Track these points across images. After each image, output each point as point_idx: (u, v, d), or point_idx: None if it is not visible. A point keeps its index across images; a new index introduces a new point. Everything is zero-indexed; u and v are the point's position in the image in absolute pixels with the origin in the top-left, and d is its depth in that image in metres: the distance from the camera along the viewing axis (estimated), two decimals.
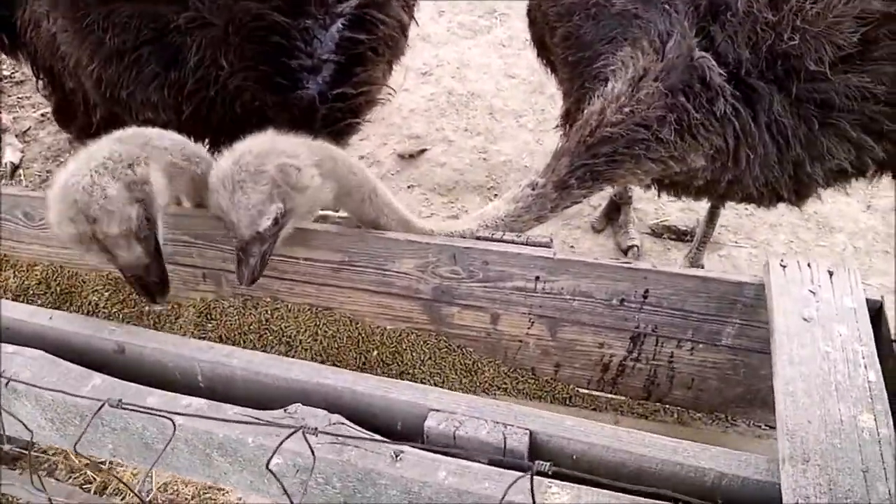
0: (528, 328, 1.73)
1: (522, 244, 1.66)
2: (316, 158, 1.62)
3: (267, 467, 0.99)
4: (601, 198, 3.90)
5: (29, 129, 4.60)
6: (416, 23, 2.67)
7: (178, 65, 2.06)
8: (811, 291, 1.41)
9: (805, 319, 1.35)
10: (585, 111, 1.92)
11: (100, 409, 1.12)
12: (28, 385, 1.26)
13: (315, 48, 2.08)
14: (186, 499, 2.74)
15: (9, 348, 1.43)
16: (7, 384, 1.32)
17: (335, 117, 2.16)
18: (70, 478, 2.88)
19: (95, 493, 2.81)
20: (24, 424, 1.27)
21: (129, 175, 1.52)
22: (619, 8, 2.04)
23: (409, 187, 4.09)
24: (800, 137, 1.89)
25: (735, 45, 1.85)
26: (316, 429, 1.02)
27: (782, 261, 1.46)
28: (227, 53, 2.03)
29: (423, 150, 4.31)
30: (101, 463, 2.83)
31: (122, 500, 2.77)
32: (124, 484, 1.35)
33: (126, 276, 1.57)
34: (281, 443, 1.01)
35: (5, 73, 5.00)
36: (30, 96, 4.86)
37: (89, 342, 1.47)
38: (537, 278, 1.65)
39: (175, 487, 2.82)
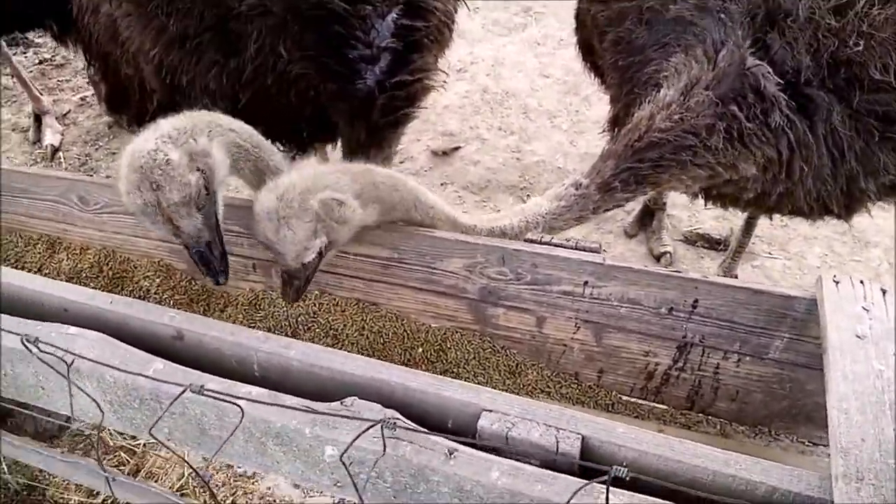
0: (574, 333, 1.75)
1: (572, 248, 1.68)
2: (357, 187, 1.66)
3: (341, 460, 1.02)
4: (635, 202, 3.90)
5: (69, 112, 4.67)
6: None
7: (237, 52, 2.08)
8: (864, 309, 1.41)
9: (858, 336, 1.36)
10: (635, 116, 1.93)
11: (181, 394, 1.16)
12: (95, 363, 1.29)
13: (373, 37, 2.09)
14: (217, 486, 2.78)
15: (71, 329, 1.47)
16: (73, 363, 1.35)
17: (394, 106, 2.19)
18: (105, 459, 2.94)
19: (129, 474, 2.86)
20: (97, 404, 1.31)
21: (192, 145, 1.57)
22: (673, 14, 2.03)
23: (441, 185, 4.11)
24: (855, 151, 1.87)
25: (794, 52, 1.82)
26: (395, 422, 1.04)
27: (835, 276, 1.46)
28: (285, 41, 2.04)
29: (456, 148, 4.33)
30: (135, 446, 2.89)
31: (155, 481, 2.82)
32: (191, 467, 1.37)
33: (190, 254, 1.60)
34: (359, 435, 1.03)
35: (46, 56, 5.08)
36: (69, 80, 4.94)
37: (148, 327, 1.50)
38: (586, 283, 1.66)
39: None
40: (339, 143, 2.55)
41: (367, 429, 1.04)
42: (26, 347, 1.24)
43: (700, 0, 1.99)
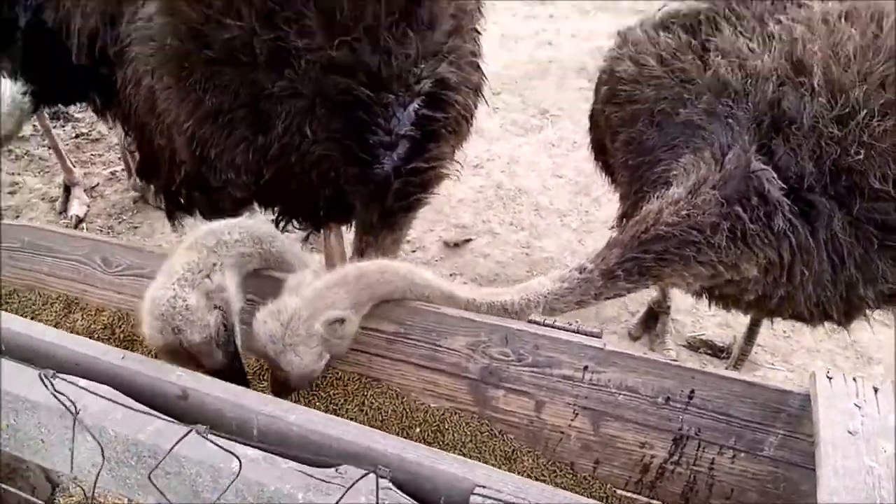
0: (572, 420, 1.76)
1: (573, 332, 1.71)
2: (353, 296, 1.74)
3: None
4: (640, 304, 3.95)
5: (97, 185, 4.85)
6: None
7: (266, 130, 2.19)
8: (857, 405, 1.43)
9: (850, 432, 1.37)
10: (643, 209, 2.00)
11: (186, 434, 1.18)
12: (100, 414, 1.32)
13: (394, 125, 2.20)
14: None
15: (80, 381, 1.50)
16: (79, 412, 1.38)
17: (407, 192, 2.27)
18: None
19: None
20: (100, 448, 1.33)
21: (207, 284, 1.68)
22: (683, 118, 2.13)
23: (451, 275, 4.19)
24: (855, 258, 1.92)
25: (798, 158, 1.90)
26: (389, 468, 1.06)
27: (828, 373, 1.49)
28: (311, 123, 2.15)
29: (468, 240, 4.43)
30: None
31: None
32: None
33: (210, 373, 1.68)
34: (352, 485, 1.05)
35: (83, 130, 5.33)
36: (102, 154, 5.16)
37: (155, 385, 1.54)
38: (585, 368, 1.69)
39: None
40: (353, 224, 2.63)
41: (360, 479, 1.06)
42: (42, 382, 1.28)
43: (709, 105, 2.10)
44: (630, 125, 2.36)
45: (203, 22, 2.15)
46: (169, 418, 1.43)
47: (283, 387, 1.73)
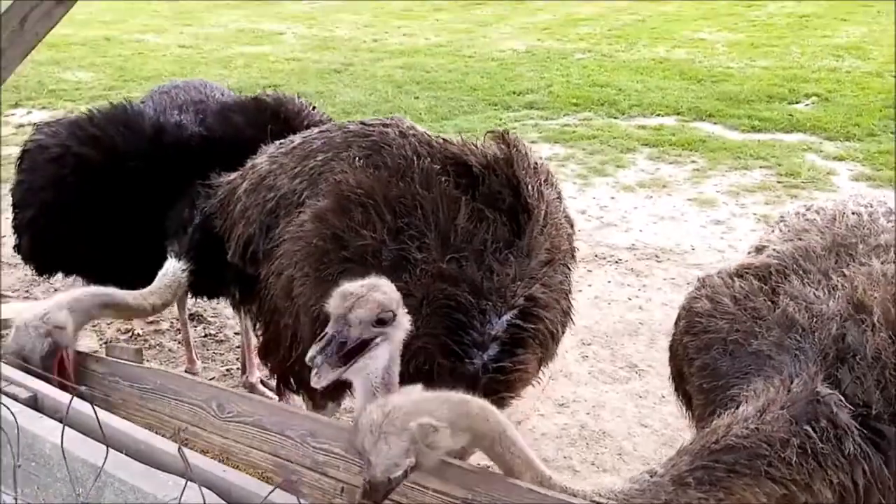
0: None
1: None
2: (453, 416, 1.90)
3: None
4: None
5: (213, 378, 5.31)
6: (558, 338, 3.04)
7: None
8: None
9: None
10: (713, 422, 2.10)
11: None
12: None
13: (487, 329, 2.54)
14: None
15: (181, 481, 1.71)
16: None
17: (493, 388, 2.52)
18: None
19: None
20: None
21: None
22: (754, 348, 2.30)
23: None
24: None
25: (864, 387, 2.02)
26: None
27: None
28: (416, 320, 2.49)
29: None
30: None
31: None
32: None
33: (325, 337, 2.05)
34: None
35: (211, 331, 5.97)
36: (223, 354, 5.70)
37: (247, 497, 1.72)
38: None
39: None
40: None
41: None
42: (180, 451, 1.51)
43: (778, 339, 2.28)
44: (705, 352, 2.54)
45: (344, 230, 2.74)
46: None
47: (368, 495, 1.81)
